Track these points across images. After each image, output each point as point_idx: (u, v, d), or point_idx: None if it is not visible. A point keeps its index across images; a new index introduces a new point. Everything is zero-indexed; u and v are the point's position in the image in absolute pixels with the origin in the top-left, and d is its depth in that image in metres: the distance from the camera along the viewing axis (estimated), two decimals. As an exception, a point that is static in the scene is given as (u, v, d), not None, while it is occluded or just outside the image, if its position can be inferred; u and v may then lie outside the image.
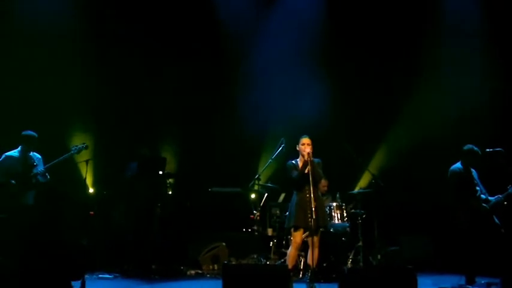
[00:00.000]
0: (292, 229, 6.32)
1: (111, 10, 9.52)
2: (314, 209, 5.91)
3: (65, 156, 7.14)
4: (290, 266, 6.19)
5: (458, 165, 6.82)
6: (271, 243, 8.12)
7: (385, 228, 8.04)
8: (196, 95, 9.63)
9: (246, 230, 8.71)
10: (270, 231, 8.32)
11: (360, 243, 7.69)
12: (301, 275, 7.32)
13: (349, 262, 7.68)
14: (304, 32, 9.62)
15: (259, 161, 9.15)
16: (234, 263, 8.03)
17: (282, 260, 7.63)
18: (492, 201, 6.63)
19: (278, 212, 8.45)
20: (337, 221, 7.84)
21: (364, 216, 7.88)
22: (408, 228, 8.99)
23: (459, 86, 9.19)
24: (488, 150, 6.72)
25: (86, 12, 9.30)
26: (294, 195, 6.40)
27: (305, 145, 6.27)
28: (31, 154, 7.04)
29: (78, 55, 9.24)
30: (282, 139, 7.02)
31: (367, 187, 8.63)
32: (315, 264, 6.14)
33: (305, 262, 7.28)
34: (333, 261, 7.42)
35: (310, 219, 5.96)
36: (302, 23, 9.69)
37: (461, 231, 6.64)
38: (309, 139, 6.32)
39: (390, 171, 9.19)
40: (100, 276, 7.39)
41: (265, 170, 7.73)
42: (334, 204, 7.91)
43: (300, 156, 6.36)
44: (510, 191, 6.54)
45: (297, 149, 6.36)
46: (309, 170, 6.08)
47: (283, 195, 8.66)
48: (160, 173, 8.47)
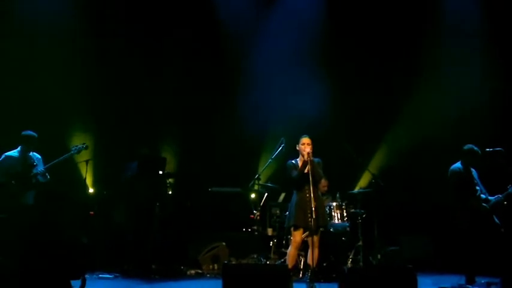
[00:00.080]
0: (292, 229, 6.32)
1: (111, 10, 9.52)
2: (314, 209, 5.91)
3: (65, 156, 7.16)
4: (290, 265, 6.20)
5: (458, 165, 6.82)
6: (271, 243, 8.13)
7: (385, 228, 8.03)
8: (196, 95, 9.64)
9: (246, 229, 8.73)
10: (270, 231, 8.33)
11: (360, 243, 7.70)
12: (301, 275, 7.32)
13: (349, 262, 7.67)
14: (304, 32, 9.62)
15: (259, 161, 9.14)
16: (234, 262, 8.02)
17: (282, 259, 7.63)
18: (492, 201, 6.63)
19: (278, 211, 8.45)
20: (337, 221, 7.85)
21: (364, 216, 7.88)
22: (408, 228, 9.00)
23: (459, 86, 9.19)
24: (488, 150, 6.73)
25: (86, 12, 9.30)
26: (294, 195, 6.40)
27: (305, 145, 6.28)
28: (31, 154, 7.03)
29: (78, 55, 9.25)
30: (282, 139, 7.00)
31: (367, 187, 8.63)
32: (315, 264, 6.14)
33: (305, 262, 7.28)
34: (333, 261, 7.42)
35: (310, 219, 5.97)
36: (302, 23, 9.69)
37: (461, 231, 6.64)
38: (309, 139, 6.32)
39: (390, 171, 9.19)
40: (100, 276, 7.39)
41: (265, 169, 7.71)
42: (334, 204, 7.91)
43: (300, 156, 6.36)
44: (510, 190, 6.53)
45: (297, 148, 6.36)
46: (308, 169, 6.09)
47: (283, 195, 8.66)
48: (160, 172, 8.46)
